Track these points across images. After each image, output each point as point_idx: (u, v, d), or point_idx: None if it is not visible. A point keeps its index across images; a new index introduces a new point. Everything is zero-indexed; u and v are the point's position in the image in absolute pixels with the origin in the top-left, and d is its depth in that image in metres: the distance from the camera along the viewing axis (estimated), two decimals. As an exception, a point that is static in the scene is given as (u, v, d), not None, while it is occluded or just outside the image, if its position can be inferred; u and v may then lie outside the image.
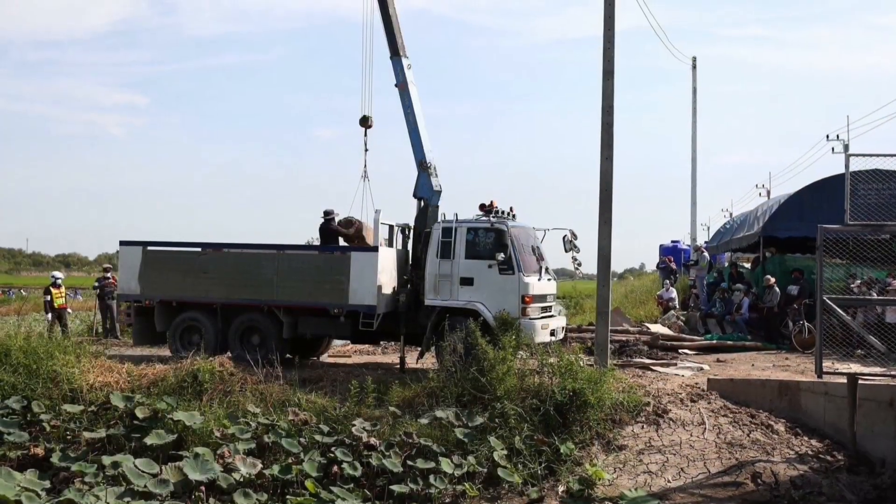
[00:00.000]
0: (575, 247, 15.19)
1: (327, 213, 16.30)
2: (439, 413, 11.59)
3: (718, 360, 16.54)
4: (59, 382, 12.49)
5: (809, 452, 10.89)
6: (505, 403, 11.73)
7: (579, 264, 15.49)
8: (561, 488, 10.46)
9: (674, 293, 25.54)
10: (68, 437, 11.34)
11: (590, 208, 14.00)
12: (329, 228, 16.21)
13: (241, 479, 10.03)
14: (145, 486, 9.52)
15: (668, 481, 10.40)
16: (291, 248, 15.99)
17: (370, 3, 16.47)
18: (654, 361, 16.15)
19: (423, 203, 15.93)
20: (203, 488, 9.67)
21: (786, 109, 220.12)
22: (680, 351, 17.70)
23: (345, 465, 10.51)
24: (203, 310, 15.93)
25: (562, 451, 11.04)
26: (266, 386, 12.90)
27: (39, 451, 10.83)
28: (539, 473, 10.77)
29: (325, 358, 17.64)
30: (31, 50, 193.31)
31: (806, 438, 11.40)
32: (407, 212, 16.29)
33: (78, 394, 12.37)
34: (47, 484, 9.73)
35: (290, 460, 10.62)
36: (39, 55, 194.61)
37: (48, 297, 20.44)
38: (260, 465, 10.35)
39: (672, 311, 23.56)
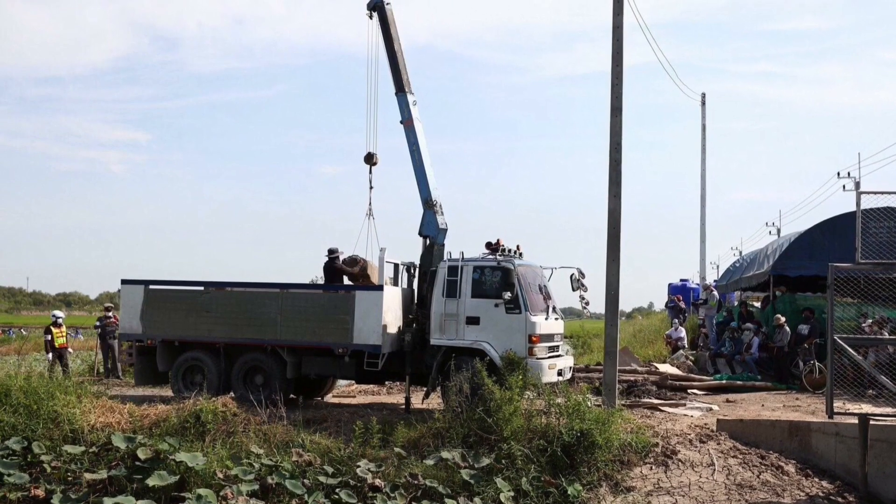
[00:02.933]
0: (582, 285, 15.11)
1: (332, 252, 16.27)
2: (445, 454, 11.47)
3: (728, 401, 16.36)
4: (60, 423, 12.41)
5: (820, 494, 10.78)
6: (512, 444, 11.63)
7: (587, 303, 15.39)
8: (569, 531, 10.30)
9: (683, 332, 25.38)
10: (69, 479, 11.24)
11: (598, 246, 13.94)
12: (333, 267, 16.17)
13: (243, 522, 9.91)
14: (146, 529, 9.42)
15: (679, 525, 10.24)
16: (295, 287, 15.85)
17: (375, 39, 16.60)
18: (662, 402, 15.97)
19: (428, 241, 15.89)
20: (204, 531, 9.55)
21: (796, 146, 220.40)
22: (689, 391, 17.53)
23: (349, 508, 10.37)
24: (206, 349, 15.83)
25: (569, 492, 10.92)
26: (270, 426, 12.80)
27: (40, 492, 10.73)
28: (547, 516, 10.62)
29: (329, 398, 17.51)
30: (31, 86, 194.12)
31: (817, 480, 11.31)
32: (412, 250, 16.29)
33: (79, 434, 12.28)
34: (47, 526, 9.64)
35: (294, 502, 10.53)
36: (40, 91, 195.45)
37: (49, 337, 20.30)
38: (263, 507, 10.23)
39: (681, 351, 23.39)
